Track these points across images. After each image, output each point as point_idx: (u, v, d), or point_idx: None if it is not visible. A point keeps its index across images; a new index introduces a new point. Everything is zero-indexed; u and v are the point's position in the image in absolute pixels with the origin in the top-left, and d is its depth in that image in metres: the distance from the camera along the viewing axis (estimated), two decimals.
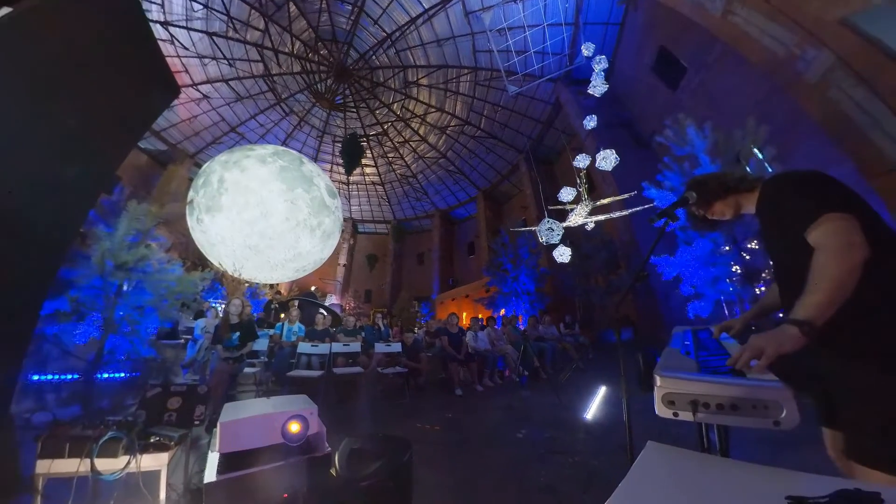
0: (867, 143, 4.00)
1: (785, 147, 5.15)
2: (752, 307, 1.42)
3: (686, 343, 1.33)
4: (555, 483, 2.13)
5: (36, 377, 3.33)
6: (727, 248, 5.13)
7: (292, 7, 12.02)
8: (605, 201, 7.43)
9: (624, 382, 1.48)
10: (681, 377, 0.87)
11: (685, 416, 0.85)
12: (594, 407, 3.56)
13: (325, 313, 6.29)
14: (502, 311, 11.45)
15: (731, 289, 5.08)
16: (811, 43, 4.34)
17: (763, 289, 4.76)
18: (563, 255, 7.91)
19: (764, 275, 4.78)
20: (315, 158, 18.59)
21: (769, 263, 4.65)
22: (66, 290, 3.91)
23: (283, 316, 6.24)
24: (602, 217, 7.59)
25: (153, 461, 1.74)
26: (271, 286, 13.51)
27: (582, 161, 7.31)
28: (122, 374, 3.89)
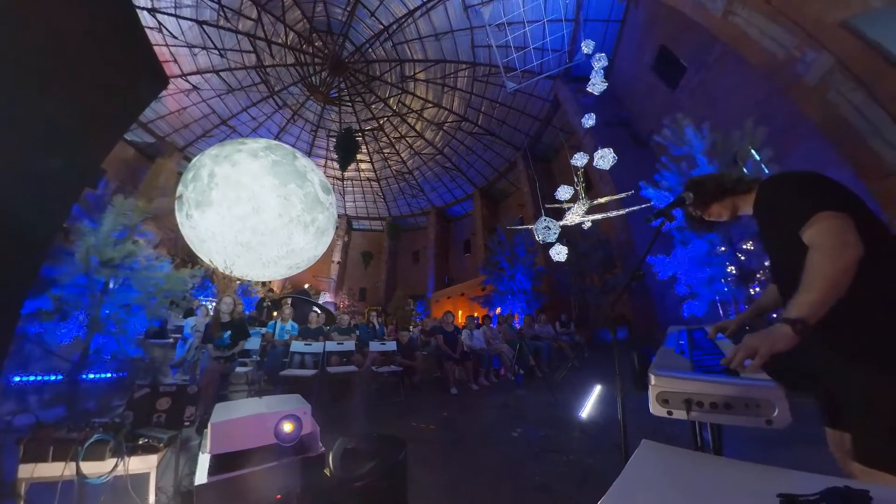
0: (865, 147, 4.02)
1: (782, 149, 5.18)
2: (748, 308, 1.42)
3: (681, 342, 1.34)
4: (550, 482, 2.14)
5: (18, 378, 3.21)
6: (723, 248, 5.17)
7: None
8: (603, 200, 7.44)
9: (619, 381, 1.50)
10: (675, 376, 0.88)
11: (679, 414, 0.85)
12: (589, 406, 3.58)
13: (318, 311, 6.21)
14: (498, 310, 11.46)
15: (725, 289, 5.13)
16: (811, 45, 4.34)
17: (757, 289, 4.81)
18: (560, 253, 7.93)
19: (758, 275, 4.83)
20: (309, 153, 18.32)
21: (763, 264, 4.71)
22: (49, 287, 3.78)
23: (275, 314, 6.15)
24: (599, 216, 7.60)
25: (142, 464, 1.72)
26: (263, 284, 13.35)
27: (580, 159, 7.30)
28: (109, 375, 3.78)
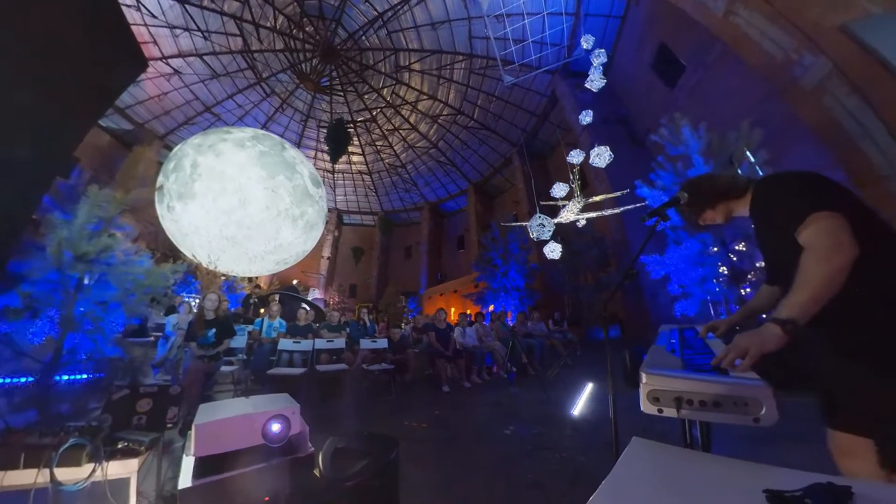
0: (857, 151, 4.07)
1: (778, 151, 5.21)
2: (740, 309, 1.42)
3: (672, 341, 1.36)
4: (542, 479, 2.15)
5: None
6: (715, 249, 5.21)
7: None
8: (598, 198, 7.41)
9: (611, 379, 1.51)
10: (666, 374, 0.89)
11: (669, 412, 0.87)
12: (581, 403, 3.58)
13: (307, 308, 6.07)
14: (491, 307, 11.46)
15: (717, 289, 5.19)
16: (809, 48, 4.34)
17: (748, 290, 4.87)
18: (554, 251, 7.92)
19: (750, 276, 4.89)
20: (298, 144, 17.83)
21: (755, 265, 4.77)
22: (18, 284, 3.54)
23: (262, 311, 5.99)
24: (594, 214, 7.59)
25: (122, 468, 1.66)
26: (250, 279, 13.01)
27: (576, 157, 7.23)
28: (85, 376, 3.59)
